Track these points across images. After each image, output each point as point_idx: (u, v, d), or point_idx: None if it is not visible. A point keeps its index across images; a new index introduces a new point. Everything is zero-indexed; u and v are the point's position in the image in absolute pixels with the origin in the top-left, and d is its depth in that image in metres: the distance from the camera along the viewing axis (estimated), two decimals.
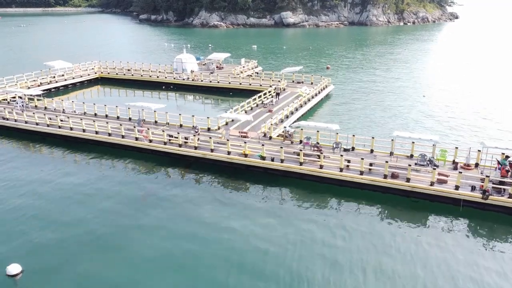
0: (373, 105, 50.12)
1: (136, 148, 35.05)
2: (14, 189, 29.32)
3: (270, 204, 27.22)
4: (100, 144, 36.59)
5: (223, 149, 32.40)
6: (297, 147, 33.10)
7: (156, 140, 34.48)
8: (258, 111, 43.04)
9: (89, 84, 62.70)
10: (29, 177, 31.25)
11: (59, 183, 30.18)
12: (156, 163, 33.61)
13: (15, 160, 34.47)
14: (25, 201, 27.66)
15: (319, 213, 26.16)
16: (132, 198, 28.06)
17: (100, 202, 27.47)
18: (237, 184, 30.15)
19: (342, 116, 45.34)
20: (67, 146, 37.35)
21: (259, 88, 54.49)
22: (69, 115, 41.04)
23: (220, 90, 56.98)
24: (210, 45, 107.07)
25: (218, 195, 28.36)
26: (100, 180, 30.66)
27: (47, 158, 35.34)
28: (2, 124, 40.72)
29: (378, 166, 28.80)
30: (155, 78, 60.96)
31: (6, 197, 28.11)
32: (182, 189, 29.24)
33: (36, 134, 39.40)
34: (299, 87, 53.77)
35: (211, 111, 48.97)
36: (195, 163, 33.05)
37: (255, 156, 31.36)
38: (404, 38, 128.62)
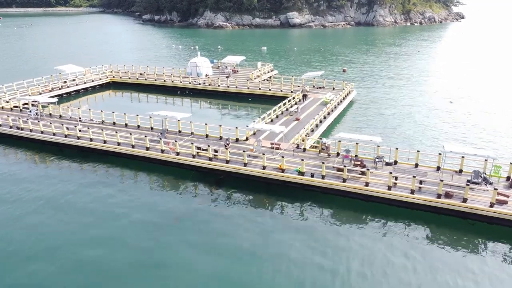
0: (400, 113, 48.02)
1: (161, 161, 32.89)
2: (32, 203, 27.23)
3: (310, 224, 25.32)
4: (122, 156, 34.44)
5: (257, 163, 30.27)
6: (334, 160, 31.01)
7: (184, 152, 32.32)
8: (285, 120, 40.93)
9: (100, 88, 60.55)
10: (47, 191, 29.21)
11: (78, 199, 28.20)
12: (184, 177, 31.52)
13: (31, 173, 32.41)
14: (44, 217, 25.63)
15: (365, 234, 24.19)
16: (163, 218, 25.96)
17: (127, 222, 25.44)
18: (273, 201, 28.11)
19: (371, 126, 43.19)
20: (85, 157, 35.24)
21: (279, 94, 52.44)
22: (86, 124, 38.92)
23: (238, 96, 54.82)
24: (220, 46, 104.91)
25: (253, 214, 26.38)
26: (124, 196, 28.59)
27: (65, 170, 33.16)
28: (16, 134, 38.54)
29: (428, 184, 26.69)
30: (169, 83, 58.81)
31: (24, 212, 26.08)
32: (216, 208, 27.19)
33: (53, 145, 37.23)
34: (320, 92, 51.77)
35: (233, 119, 46.83)
36: (227, 178, 30.90)
37: (292, 171, 29.23)
38: (414, 39, 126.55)
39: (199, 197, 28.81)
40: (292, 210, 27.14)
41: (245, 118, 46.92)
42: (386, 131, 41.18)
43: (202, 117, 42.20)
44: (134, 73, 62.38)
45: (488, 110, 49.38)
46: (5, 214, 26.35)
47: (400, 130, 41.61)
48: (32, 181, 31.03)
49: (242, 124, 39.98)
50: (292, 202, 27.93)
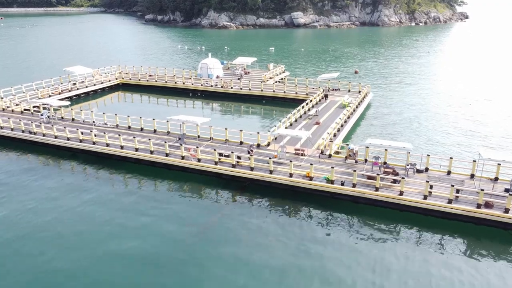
0: (420, 116, 46.82)
1: (181, 167, 31.70)
2: (49, 213, 26.07)
3: (341, 234, 24.25)
4: (140, 162, 33.25)
5: (283, 170, 29.09)
6: (363, 167, 29.84)
7: (205, 159, 31.14)
8: (304, 123, 39.75)
9: (110, 90, 59.35)
10: (63, 199, 28.09)
11: (96, 208, 27.13)
12: (206, 184, 30.40)
13: (45, 180, 31.22)
14: (62, 228, 24.50)
15: (400, 245, 23.21)
16: (189, 228, 24.81)
17: (150, 233, 24.31)
18: (301, 210, 27.00)
19: (393, 130, 42.01)
20: (101, 163, 34.09)
21: (294, 96, 51.30)
22: (100, 128, 37.74)
23: (251, 98, 53.61)
24: (226, 47, 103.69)
25: (282, 224, 25.34)
26: (145, 205, 27.46)
27: (80, 177, 32.01)
28: (29, 139, 37.33)
29: (466, 193, 25.53)
30: (180, 85, 57.60)
31: (42, 223, 24.84)
32: (242, 217, 26.08)
33: (67, 150, 36.04)
34: (336, 95, 50.62)
35: (250, 122, 45.62)
36: (251, 186, 29.73)
37: (320, 179, 28.05)
38: (422, 39, 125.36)
39: (223, 205, 27.65)
40: (321, 219, 26.00)
41: (261, 122, 45.80)
42: (409, 135, 40.02)
43: (216, 120, 40.83)
44: (144, 74, 61.13)
45: (510, 112, 48.24)
46: (21, 223, 25.19)
47: (422, 135, 40.45)
48: (47, 188, 29.90)
49: (259, 127, 38.95)
50: (321, 211, 26.79)
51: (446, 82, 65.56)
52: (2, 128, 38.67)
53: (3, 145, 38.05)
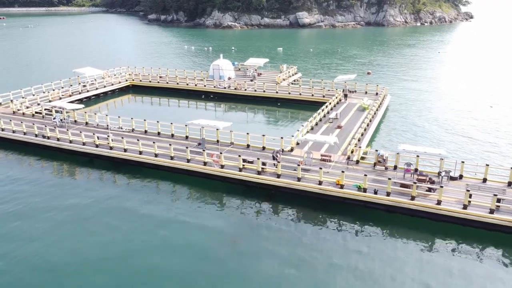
0: (440, 119, 45.60)
1: (203, 174, 30.51)
2: (66, 222, 24.85)
3: (376, 246, 23.16)
4: (158, 168, 32.06)
5: (312, 177, 27.91)
6: (393, 174, 28.66)
7: (229, 165, 29.95)
8: (325, 127, 38.57)
9: (120, 92, 58.17)
10: (79, 208, 26.92)
11: (115, 217, 26.06)
12: (229, 192, 29.24)
13: (61, 186, 30.05)
14: (81, 239, 23.30)
15: (439, 257, 22.15)
16: (217, 240, 23.66)
17: (176, 245, 23.18)
18: (332, 220, 25.87)
19: (415, 133, 40.81)
20: (118, 169, 32.96)
21: (310, 99, 50.16)
22: (116, 132, 36.56)
23: (266, 100, 52.42)
24: (233, 47, 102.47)
25: (313, 234, 24.31)
26: (167, 214, 26.35)
27: (96, 184, 30.90)
28: (42, 143, 36.15)
29: (508, 202, 24.36)
30: (192, 87, 56.39)
31: (58, 234, 23.62)
32: (271, 227, 24.97)
33: (82, 155, 34.84)
34: (353, 97, 49.44)
35: (267, 125, 44.48)
36: (277, 194, 28.54)
37: (351, 187, 26.88)
38: (429, 39, 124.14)
39: (251, 215, 26.45)
40: (354, 230, 24.86)
41: (279, 125, 44.65)
42: (433, 140, 38.84)
43: (232, 123, 39.22)
44: (155, 76, 59.91)
45: None
46: (37, 232, 24.02)
47: (446, 139, 39.22)
48: (63, 195, 28.78)
49: (280, 131, 37.71)
50: (352, 221, 25.64)
51: (461, 83, 64.36)
52: (14, 132, 37.46)
53: (15, 150, 36.88)
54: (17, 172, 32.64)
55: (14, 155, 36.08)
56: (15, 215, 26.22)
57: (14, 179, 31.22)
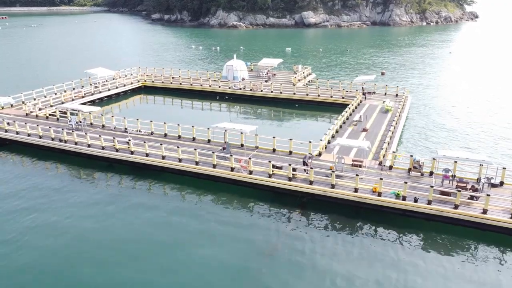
0: (465, 121, 44.34)
1: (230, 180, 29.27)
2: (85, 232, 23.63)
3: (419, 256, 22.09)
4: (182, 173, 30.82)
5: (346, 184, 26.67)
6: (430, 180, 27.42)
7: (258, 171, 28.71)
8: (350, 131, 37.33)
9: (132, 93, 56.95)
10: (99, 215, 25.88)
11: (139, 227, 24.98)
12: (258, 199, 28.03)
13: (79, 193, 28.84)
14: (104, 251, 22.08)
15: (486, 267, 20.86)
16: (253, 252, 22.47)
17: (209, 257, 21.98)
18: (369, 229, 24.73)
19: (443, 137, 39.57)
20: (138, 174, 31.73)
21: (329, 100, 48.89)
22: (135, 135, 35.32)
23: (282, 101, 51.15)
24: (241, 47, 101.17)
25: (352, 246, 23.17)
26: (195, 223, 25.27)
27: (116, 190, 29.70)
28: (59, 147, 34.88)
29: None
30: (206, 87, 55.14)
31: (79, 246, 22.38)
32: (307, 237, 23.88)
33: (100, 160, 33.59)
34: (374, 98, 48.24)
35: (290, 128, 43.25)
36: (310, 201, 27.31)
37: (388, 194, 25.65)
38: (438, 39, 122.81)
39: (282, 223, 25.23)
40: (393, 239, 23.71)
41: (300, 128, 43.50)
42: (462, 143, 37.61)
43: (257, 126, 37.93)
44: (168, 77, 58.63)
45: None
46: (57, 246, 22.81)
47: (474, 143, 37.95)
48: (82, 202, 27.61)
49: (303, 134, 36.27)
50: (391, 230, 24.47)
51: (478, 84, 63.07)
52: (29, 136, 36.19)
53: (30, 154, 35.67)
54: (32, 177, 31.45)
55: (29, 159, 34.87)
56: (32, 225, 24.99)
57: (30, 186, 30.02)
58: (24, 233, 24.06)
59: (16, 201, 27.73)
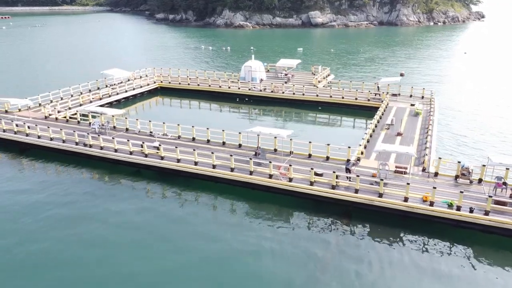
0: (496, 124, 43.04)
1: (267, 187, 27.93)
2: (117, 245, 22.29)
3: (474, 270, 20.73)
4: (216, 180, 29.48)
5: (394, 192, 25.35)
6: (478, 188, 26.11)
7: (297, 178, 27.38)
8: (384, 135, 36.00)
9: (148, 95, 55.62)
10: (130, 224, 24.58)
11: (173, 238, 23.70)
12: (298, 208, 26.78)
13: (106, 200, 27.49)
14: (138, 266, 20.69)
15: None
16: (303, 269, 21.12)
17: (256, 274, 20.51)
18: (419, 241, 23.46)
19: (481, 141, 38.23)
20: (167, 181, 30.46)
21: (354, 102, 47.56)
22: (162, 140, 33.98)
23: (304, 103, 49.80)
24: (252, 47, 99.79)
25: (408, 259, 21.89)
26: (232, 235, 23.96)
27: (145, 197, 28.38)
28: (84, 152, 33.53)
29: None
30: (225, 89, 53.78)
31: (109, 258, 21.04)
32: (358, 253, 22.45)
33: (128, 165, 32.23)
34: (400, 101, 46.96)
35: (315, 132, 41.74)
36: (355, 210, 25.97)
37: (440, 203, 24.32)
38: (449, 39, 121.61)
39: (330, 236, 23.86)
40: (446, 251, 22.47)
41: (327, 131, 42.21)
42: (504, 148, 36.29)
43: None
44: (185, 78, 57.25)
45: None
46: (87, 256, 21.48)
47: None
48: (111, 210, 26.26)
49: (329, 138, 34.74)
50: (444, 243, 23.25)
51: (501, 85, 61.75)
52: (52, 140, 34.83)
53: (52, 159, 34.28)
54: (56, 184, 30.08)
55: (52, 165, 33.51)
56: (55, 235, 23.68)
57: (55, 193, 28.73)
58: (55, 244, 22.72)
59: (46, 209, 26.40)
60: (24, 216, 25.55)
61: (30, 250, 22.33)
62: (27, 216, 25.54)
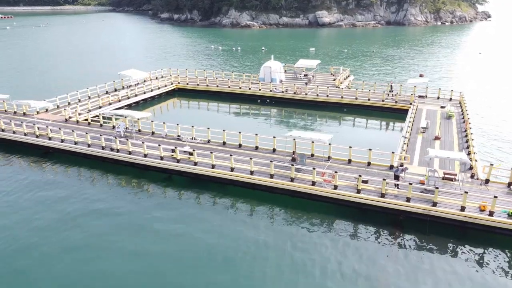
0: None
1: (309, 195, 26.53)
2: (150, 254, 20.93)
3: None
4: (254, 187, 28.09)
5: (450, 201, 23.96)
6: None
7: (342, 185, 25.98)
8: (421, 139, 34.59)
9: (166, 96, 54.22)
10: (165, 233, 23.05)
11: (209, 247, 22.14)
12: (343, 217, 25.41)
13: (142, 208, 26.07)
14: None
15: None
16: (351, 275, 19.72)
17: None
18: (477, 253, 22.02)
19: None
20: (201, 187, 29.02)
21: (381, 104, 46.15)
22: (192, 144, 32.60)
23: (327, 105, 48.41)
24: (263, 47, 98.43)
25: (462, 271, 20.44)
26: (272, 246, 22.50)
27: (179, 204, 26.97)
28: (111, 157, 32.11)
29: None
30: (246, 90, 52.36)
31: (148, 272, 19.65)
32: (418, 267, 20.95)
33: (158, 171, 30.83)
34: (427, 103, 45.58)
35: (346, 135, 40.26)
36: (407, 220, 24.57)
37: (499, 213, 22.95)
38: (460, 39, 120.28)
39: (383, 250, 22.37)
40: (509, 264, 20.94)
41: (359, 135, 40.66)
42: None
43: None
44: (204, 79, 55.82)
45: None
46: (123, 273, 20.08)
47: None
48: (145, 218, 24.89)
49: (360, 142, 33.37)
50: (505, 255, 21.70)
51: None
52: (76, 144, 33.40)
53: (75, 164, 32.86)
54: (81, 190, 28.67)
55: (76, 170, 32.12)
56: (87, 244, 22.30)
57: (80, 199, 27.30)
58: (92, 254, 21.34)
59: (76, 215, 25.02)
60: (56, 226, 24.14)
61: (67, 263, 20.95)
62: (59, 226, 24.14)
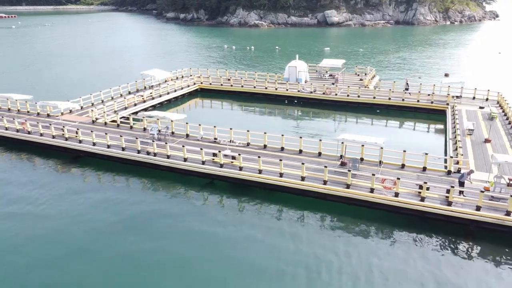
0: None
1: (369, 203, 24.95)
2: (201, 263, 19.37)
3: None
4: (305, 194, 26.51)
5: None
6: None
7: (403, 192, 24.39)
8: (470, 142, 33.02)
9: (189, 96, 52.68)
10: (208, 241, 21.39)
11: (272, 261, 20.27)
12: (406, 227, 23.78)
13: (186, 216, 24.52)
14: None
15: None
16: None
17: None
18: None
19: None
20: (244, 192, 27.56)
21: (416, 105, 44.64)
22: (231, 147, 31.03)
23: (358, 106, 46.84)
24: (277, 47, 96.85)
25: None
26: (334, 258, 20.82)
27: (223, 211, 25.43)
28: (151, 162, 30.49)
29: None
30: (272, 91, 50.76)
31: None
32: (481, 278, 19.37)
33: (199, 176, 29.24)
34: (464, 103, 44.03)
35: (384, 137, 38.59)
36: (477, 230, 22.98)
37: None
38: (473, 38, 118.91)
39: (445, 259, 20.79)
40: None
41: (399, 137, 38.98)
42: None
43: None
44: (228, 79, 54.23)
45: None
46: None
47: None
48: (192, 226, 23.30)
49: (403, 145, 31.89)
50: None
51: None
52: (109, 147, 31.79)
53: (107, 168, 31.26)
54: (117, 197, 27.13)
55: (109, 175, 30.54)
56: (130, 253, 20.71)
57: (119, 208, 25.76)
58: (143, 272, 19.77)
59: (114, 222, 23.45)
60: (99, 238, 22.58)
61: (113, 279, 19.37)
62: (102, 238, 22.57)
